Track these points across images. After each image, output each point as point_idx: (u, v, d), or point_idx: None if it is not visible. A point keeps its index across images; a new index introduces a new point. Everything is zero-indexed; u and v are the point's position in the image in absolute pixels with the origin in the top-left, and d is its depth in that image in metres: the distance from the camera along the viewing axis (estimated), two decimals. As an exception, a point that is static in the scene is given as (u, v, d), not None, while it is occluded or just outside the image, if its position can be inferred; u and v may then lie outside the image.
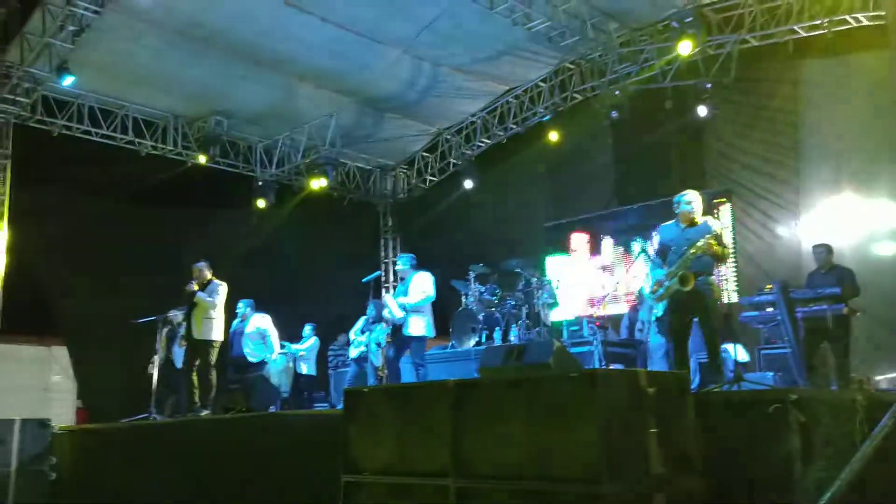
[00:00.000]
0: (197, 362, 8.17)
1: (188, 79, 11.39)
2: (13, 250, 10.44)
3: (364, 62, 11.33)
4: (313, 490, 4.99)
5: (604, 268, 10.74)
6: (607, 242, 11.21)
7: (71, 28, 9.49)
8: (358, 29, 10.58)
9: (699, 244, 5.82)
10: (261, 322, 9.83)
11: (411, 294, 8.07)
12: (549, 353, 4.64)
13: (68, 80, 9.85)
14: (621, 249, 11.00)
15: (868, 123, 9.20)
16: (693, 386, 5.40)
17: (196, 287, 8.40)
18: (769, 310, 7.74)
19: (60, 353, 13.48)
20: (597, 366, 7.28)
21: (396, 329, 7.84)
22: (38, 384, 13.87)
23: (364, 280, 8.42)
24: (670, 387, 3.48)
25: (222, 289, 8.51)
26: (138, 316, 9.69)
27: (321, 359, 12.09)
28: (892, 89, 9.09)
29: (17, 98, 10.40)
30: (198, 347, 8.26)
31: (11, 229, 10.43)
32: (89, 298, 11.45)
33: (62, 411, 12.87)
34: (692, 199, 6.12)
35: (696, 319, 5.96)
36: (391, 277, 14.98)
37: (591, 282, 10.34)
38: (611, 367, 3.37)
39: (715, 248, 5.82)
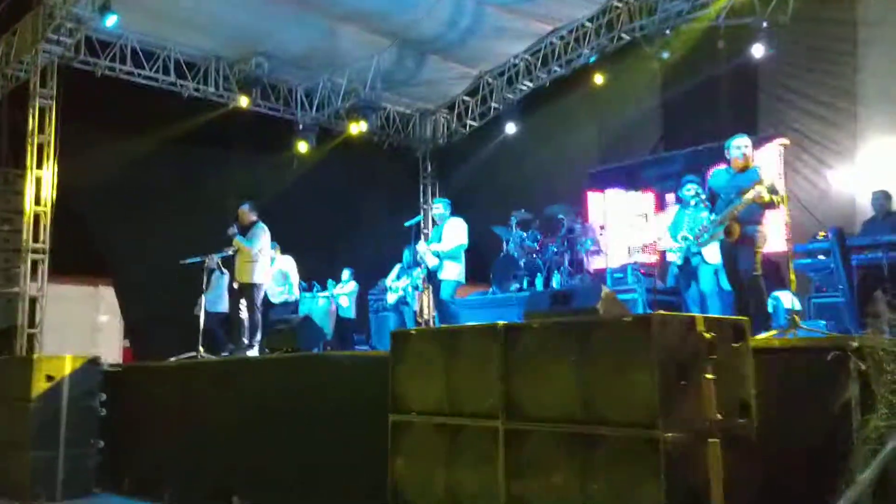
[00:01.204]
0: (243, 303, 8.30)
1: (230, 19, 11.30)
2: (60, 190, 10.57)
3: (407, 1, 11.10)
4: (361, 429, 5.04)
5: (647, 215, 10.51)
6: (655, 189, 10.94)
7: (114, -33, 9.42)
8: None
9: (748, 195, 5.65)
10: (284, 264, 9.97)
11: (445, 241, 8.07)
12: (597, 298, 4.58)
13: (111, 20, 9.81)
14: (670, 196, 10.75)
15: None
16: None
17: (237, 230, 8.46)
18: (820, 257, 7.55)
19: (107, 293, 13.78)
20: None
21: (432, 274, 7.85)
22: (86, 323, 14.21)
23: (406, 224, 8.39)
24: (728, 332, 3.39)
25: (263, 233, 8.57)
26: (183, 257, 9.85)
27: (361, 302, 12.18)
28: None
29: (61, 38, 10.40)
30: (243, 289, 8.39)
31: (58, 170, 10.54)
32: (135, 238, 11.58)
33: (109, 350, 13.22)
34: (742, 144, 5.92)
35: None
36: (430, 223, 14.94)
37: (636, 228, 10.15)
38: (663, 312, 3.26)
39: (764, 196, 5.64)
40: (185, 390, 7.19)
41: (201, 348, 8.78)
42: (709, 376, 3.23)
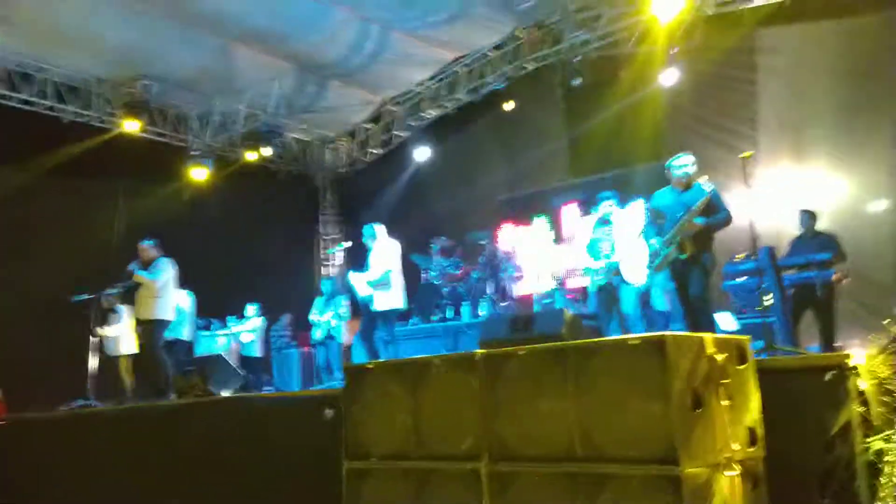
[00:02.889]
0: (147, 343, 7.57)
1: (116, 39, 10.46)
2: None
3: (308, 23, 10.65)
4: (305, 481, 4.50)
5: (561, 240, 10.43)
6: (568, 213, 10.90)
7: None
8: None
9: (694, 208, 5.58)
10: (179, 299, 9.20)
11: (372, 268, 7.67)
12: (560, 322, 4.30)
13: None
14: (579, 220, 10.75)
15: (828, 92, 9.18)
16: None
17: (137, 266, 7.76)
18: (742, 279, 7.65)
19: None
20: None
21: (363, 305, 7.39)
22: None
23: (329, 251, 7.90)
24: (734, 353, 3.16)
25: (168, 266, 7.87)
26: (66, 295, 8.93)
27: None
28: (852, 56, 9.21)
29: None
30: (144, 327, 7.66)
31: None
32: (7, 277, 10.44)
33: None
34: (685, 163, 5.86)
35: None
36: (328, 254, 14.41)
37: (552, 254, 10.04)
38: (675, 333, 2.98)
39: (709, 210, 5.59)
40: (79, 445, 6.34)
41: (91, 395, 7.95)
42: (724, 402, 2.98)
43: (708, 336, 3.09)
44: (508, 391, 3.37)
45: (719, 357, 3.02)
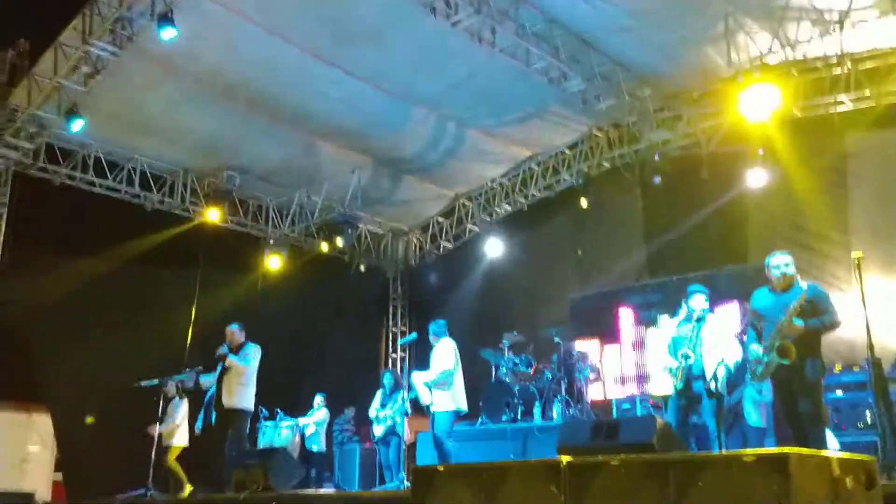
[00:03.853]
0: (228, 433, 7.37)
1: (202, 131, 10.86)
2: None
3: (388, 121, 10.85)
4: None
5: (636, 344, 10.00)
6: (643, 317, 10.49)
7: (85, 70, 8.95)
8: (384, 85, 10.14)
9: (791, 307, 5.18)
10: None
11: (431, 368, 7.44)
12: (652, 431, 3.96)
13: (78, 124, 9.22)
14: (656, 324, 10.30)
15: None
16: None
17: (227, 349, 7.66)
18: (838, 392, 7.09)
19: (41, 420, 12.46)
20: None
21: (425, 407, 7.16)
22: (14, 453, 12.75)
23: (401, 342, 7.70)
24: (861, 477, 2.77)
25: (257, 352, 7.76)
26: (133, 381, 8.93)
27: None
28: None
29: (20, 143, 9.79)
30: (229, 416, 7.50)
31: (1, 284, 9.61)
32: (78, 362, 10.54)
33: (37, 484, 11.80)
34: (781, 262, 5.49)
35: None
36: (397, 346, 14.23)
37: (628, 358, 9.60)
38: (799, 450, 2.61)
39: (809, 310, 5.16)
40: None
41: (150, 485, 7.77)
42: (855, 536, 2.57)
43: (833, 455, 2.71)
44: (598, 507, 3.02)
45: (847, 481, 2.63)
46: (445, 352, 7.49)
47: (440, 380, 7.32)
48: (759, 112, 8.25)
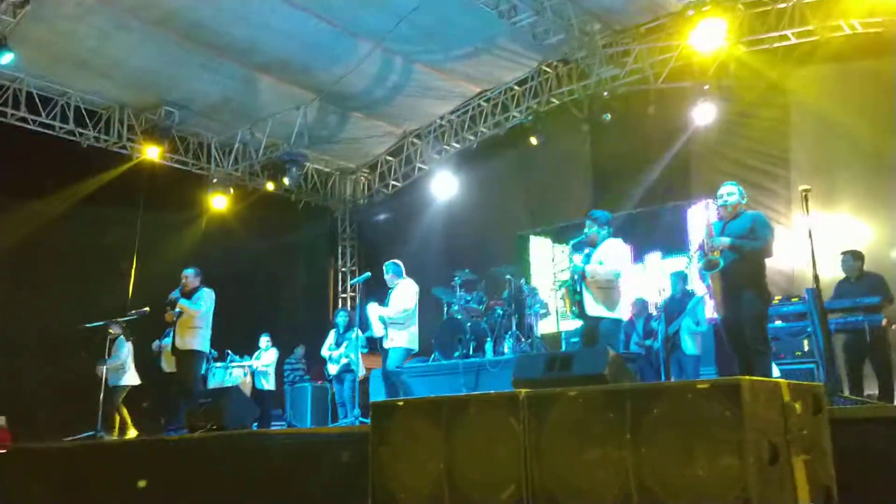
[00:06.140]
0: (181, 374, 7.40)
1: (138, 65, 10.42)
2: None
3: (334, 54, 10.56)
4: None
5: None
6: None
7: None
8: (330, 17, 9.84)
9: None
10: None
11: (390, 306, 7.44)
12: (604, 362, 4.01)
13: (7, 57, 8.78)
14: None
15: (863, 133, 8.93)
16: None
17: (179, 294, 7.56)
18: (781, 322, 7.34)
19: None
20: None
21: (377, 341, 7.16)
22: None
23: (352, 282, 7.67)
24: (809, 402, 2.86)
25: (209, 295, 7.67)
26: (76, 323, 8.73)
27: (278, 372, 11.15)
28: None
29: (-56, 77, 9.26)
30: (181, 357, 7.51)
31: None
32: (16, 304, 10.23)
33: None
34: (725, 191, 5.61)
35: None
36: (346, 286, 14.20)
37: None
38: (750, 377, 2.68)
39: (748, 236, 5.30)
40: (84, 478, 6.05)
41: (100, 427, 7.69)
42: (803, 457, 2.67)
43: (782, 381, 2.79)
44: (554, 436, 3.08)
45: (797, 406, 2.72)
46: (407, 291, 7.45)
47: (398, 319, 7.29)
48: (706, 46, 8.27)
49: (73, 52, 9.94)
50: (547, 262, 11.89)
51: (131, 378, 9.45)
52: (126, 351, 9.42)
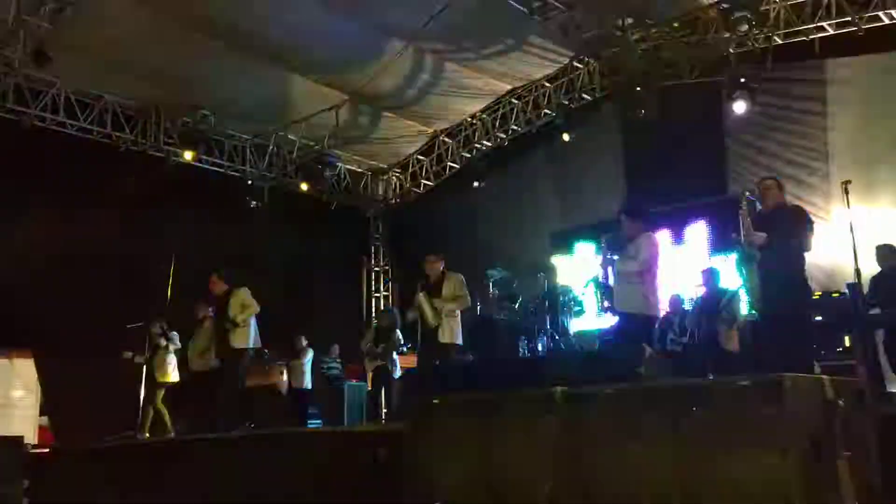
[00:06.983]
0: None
1: (175, 69, 10.53)
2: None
3: (365, 55, 10.60)
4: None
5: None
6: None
7: (51, 6, 8.61)
8: (362, 17, 9.87)
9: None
10: None
11: (455, 300, 7.22)
12: (640, 359, 3.99)
13: (45, 64, 8.91)
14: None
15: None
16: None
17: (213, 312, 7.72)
18: (818, 318, 7.20)
19: (23, 366, 12.39)
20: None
21: (426, 335, 7.02)
22: (-3, 399, 12.72)
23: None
24: (852, 399, 2.82)
25: (246, 293, 7.84)
26: (118, 325, 8.89)
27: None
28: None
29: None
30: (235, 356, 7.61)
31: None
32: (59, 306, 10.42)
33: (23, 430, 11.80)
34: (762, 185, 5.55)
35: None
36: (381, 286, 14.29)
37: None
38: (798, 374, 2.64)
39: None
40: (125, 477, 6.16)
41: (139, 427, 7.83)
42: (846, 455, 2.62)
43: (825, 378, 2.75)
44: (591, 434, 3.07)
45: (839, 402, 2.68)
46: (464, 287, 7.34)
47: (456, 312, 7.22)
48: (738, 40, 8.15)
49: (110, 56, 10.09)
50: (581, 258, 11.81)
51: (172, 374, 9.54)
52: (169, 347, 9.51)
